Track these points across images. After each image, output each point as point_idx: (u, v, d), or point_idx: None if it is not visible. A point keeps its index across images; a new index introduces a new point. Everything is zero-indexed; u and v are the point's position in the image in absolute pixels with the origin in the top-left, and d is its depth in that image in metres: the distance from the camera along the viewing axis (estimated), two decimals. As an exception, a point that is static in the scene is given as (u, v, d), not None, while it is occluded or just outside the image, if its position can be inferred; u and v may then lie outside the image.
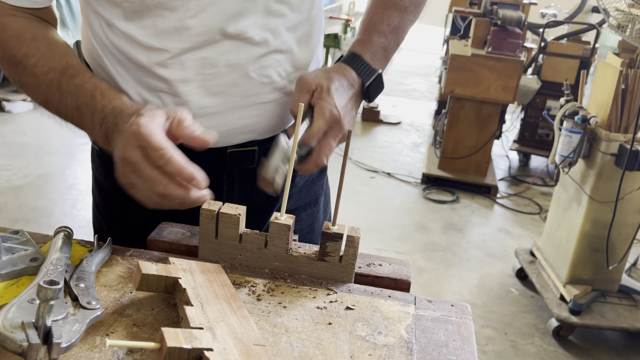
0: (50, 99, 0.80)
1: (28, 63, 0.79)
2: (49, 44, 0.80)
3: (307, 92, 0.83)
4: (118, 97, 0.76)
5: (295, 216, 1.01)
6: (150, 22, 0.80)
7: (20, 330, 0.51)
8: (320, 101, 0.82)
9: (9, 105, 4.70)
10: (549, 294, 2.66)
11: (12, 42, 0.79)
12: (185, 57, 0.82)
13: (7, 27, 0.80)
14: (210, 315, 0.58)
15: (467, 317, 0.70)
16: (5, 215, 3.16)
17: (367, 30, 0.94)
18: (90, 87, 0.77)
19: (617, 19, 2.50)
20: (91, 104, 0.76)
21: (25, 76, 0.80)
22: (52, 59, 0.79)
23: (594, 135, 2.41)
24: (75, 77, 0.77)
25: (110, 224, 1.00)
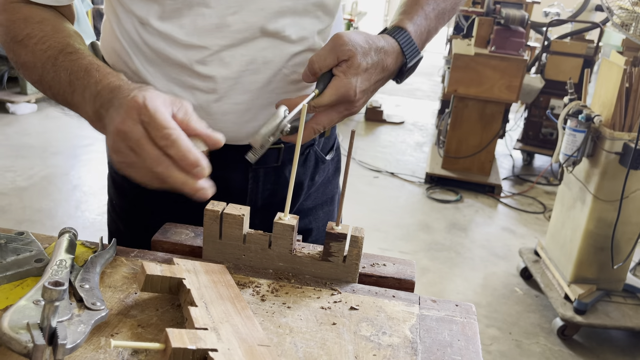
0: (44, 76, 0.76)
1: (29, 42, 0.78)
2: (55, 25, 0.79)
3: (337, 57, 0.76)
4: (115, 75, 0.71)
5: (313, 214, 1.03)
6: (190, 20, 0.80)
7: (25, 331, 0.51)
8: (343, 77, 0.77)
9: (13, 106, 4.71)
10: (553, 293, 2.65)
11: (19, 23, 0.79)
12: (225, 54, 0.82)
13: (17, 10, 0.80)
14: (215, 315, 0.58)
15: (472, 317, 0.70)
16: (10, 217, 3.17)
17: (414, 8, 0.86)
18: (86, 62, 0.73)
19: (621, 17, 2.49)
20: (84, 78, 0.71)
21: (23, 55, 0.78)
22: (53, 38, 0.77)
23: (598, 134, 2.40)
24: (72, 54, 0.75)
25: (129, 224, 1.00)
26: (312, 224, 1.03)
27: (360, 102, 0.79)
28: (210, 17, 0.80)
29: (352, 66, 0.76)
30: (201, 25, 0.80)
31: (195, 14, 0.79)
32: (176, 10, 0.80)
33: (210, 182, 0.65)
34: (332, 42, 0.77)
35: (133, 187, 0.96)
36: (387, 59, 0.80)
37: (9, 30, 0.80)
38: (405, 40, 0.82)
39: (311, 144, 0.98)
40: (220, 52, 0.82)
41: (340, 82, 0.76)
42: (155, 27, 0.82)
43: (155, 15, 0.81)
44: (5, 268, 0.68)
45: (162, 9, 0.80)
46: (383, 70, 0.81)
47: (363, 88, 0.78)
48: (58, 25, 0.80)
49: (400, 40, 0.82)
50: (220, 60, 0.82)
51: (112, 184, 1.01)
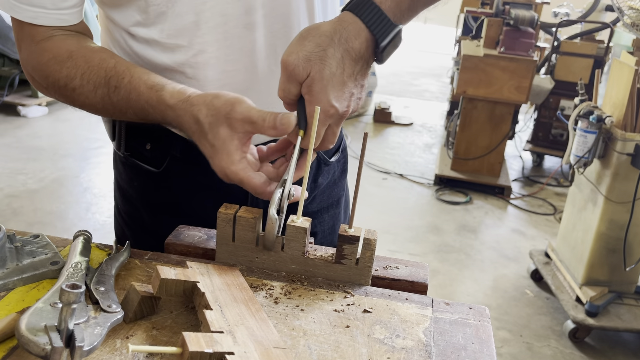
0: (114, 114, 0.81)
1: (74, 85, 0.79)
2: (85, 56, 0.79)
3: (297, 82, 0.70)
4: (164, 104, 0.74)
5: (318, 218, 1.02)
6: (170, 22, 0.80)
7: (43, 333, 0.52)
8: (312, 97, 0.70)
9: (24, 109, 4.75)
10: (564, 295, 2.63)
11: (52, 65, 0.79)
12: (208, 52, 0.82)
13: (44, 50, 0.80)
14: (230, 318, 0.59)
15: (486, 319, 0.69)
16: (22, 219, 3.20)
17: None
18: (135, 97, 0.76)
19: (632, 18, 2.47)
20: (152, 115, 0.77)
21: (77, 97, 0.80)
22: (92, 73, 0.78)
23: (609, 135, 2.39)
24: (120, 89, 0.77)
25: (133, 228, 1.01)
26: (317, 227, 1.02)
27: (346, 107, 0.72)
28: (188, 15, 0.80)
29: (314, 81, 0.69)
30: (180, 25, 0.80)
31: (174, 14, 0.80)
32: (160, 15, 0.80)
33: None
34: (284, 70, 0.70)
35: (137, 191, 0.97)
36: (353, 45, 0.69)
37: (45, 75, 0.80)
38: (370, 14, 0.69)
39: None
40: (202, 51, 0.82)
41: (314, 102, 0.70)
42: (139, 35, 0.83)
43: (137, 23, 0.82)
44: (21, 271, 0.68)
45: (145, 16, 0.81)
46: (354, 60, 0.70)
47: (341, 97, 0.70)
48: (85, 55, 0.79)
49: (363, 17, 0.69)
50: (205, 60, 0.83)
51: (118, 189, 1.02)
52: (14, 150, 4.11)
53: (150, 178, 0.93)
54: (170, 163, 0.91)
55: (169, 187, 0.93)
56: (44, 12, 0.78)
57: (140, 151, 0.92)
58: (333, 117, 0.72)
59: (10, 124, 4.59)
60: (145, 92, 0.75)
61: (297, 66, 0.68)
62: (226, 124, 0.69)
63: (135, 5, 0.80)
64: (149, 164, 0.92)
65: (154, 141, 0.90)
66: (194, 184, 0.92)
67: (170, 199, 0.94)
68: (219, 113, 0.70)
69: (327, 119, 0.71)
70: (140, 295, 0.61)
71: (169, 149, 0.90)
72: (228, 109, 0.69)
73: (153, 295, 0.62)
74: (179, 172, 0.92)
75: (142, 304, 0.61)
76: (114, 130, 0.94)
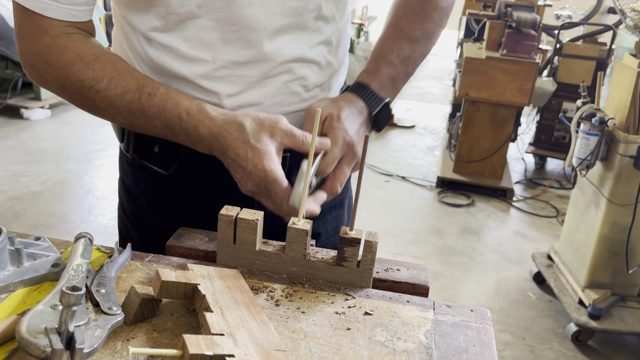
0: (135, 121, 0.81)
1: (100, 87, 0.78)
2: (112, 62, 0.80)
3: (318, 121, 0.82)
4: (205, 114, 0.78)
5: (321, 219, 1.03)
6: (193, 33, 0.81)
7: (43, 335, 0.52)
8: (332, 129, 0.83)
9: (27, 112, 4.77)
10: (567, 298, 2.63)
11: (77, 65, 0.78)
12: (228, 69, 0.83)
13: (65, 48, 0.79)
14: (231, 321, 0.59)
15: (487, 322, 0.69)
16: (24, 221, 3.20)
17: (376, 60, 0.93)
18: (172, 105, 0.78)
19: (634, 20, 2.47)
20: (181, 126, 0.78)
21: (99, 100, 0.79)
22: (122, 78, 0.79)
23: (611, 137, 2.38)
24: (154, 97, 0.78)
25: (138, 228, 1.01)
26: (320, 228, 1.03)
27: (358, 146, 0.85)
28: (214, 31, 0.80)
29: (334, 118, 0.84)
30: (205, 39, 0.81)
31: (198, 27, 0.80)
32: (179, 23, 0.80)
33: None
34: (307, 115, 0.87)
35: (143, 192, 0.97)
36: (356, 104, 0.88)
37: (67, 74, 0.79)
38: (363, 91, 0.89)
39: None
40: (224, 67, 0.83)
41: (334, 134, 0.83)
42: (159, 41, 0.82)
43: (156, 28, 0.81)
44: (22, 273, 0.68)
45: (164, 23, 0.81)
46: (360, 114, 0.88)
47: (354, 130, 0.85)
48: (112, 61, 0.80)
49: (359, 93, 0.89)
50: (224, 75, 0.83)
51: (123, 188, 1.02)
52: (16, 152, 4.12)
53: (157, 179, 0.93)
54: (179, 165, 0.91)
55: (176, 189, 0.94)
56: (55, 5, 0.76)
57: (148, 153, 0.92)
58: (349, 147, 0.83)
59: (14, 127, 4.60)
60: (185, 102, 0.79)
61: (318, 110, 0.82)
62: (269, 132, 0.77)
63: (155, 11, 0.80)
64: (158, 165, 0.92)
65: (162, 144, 0.91)
66: (202, 186, 0.93)
67: (177, 201, 0.94)
68: (263, 124, 0.78)
69: (344, 147, 0.83)
70: (140, 298, 0.61)
71: (178, 151, 0.90)
72: (273, 122, 0.78)
73: (154, 297, 0.62)
74: (187, 174, 0.92)
75: (143, 306, 0.61)
76: (122, 132, 0.94)
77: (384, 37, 0.95)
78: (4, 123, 4.66)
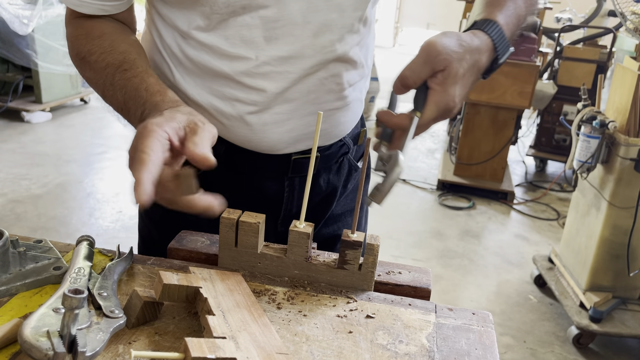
0: (105, 93, 0.82)
1: (91, 59, 0.82)
2: (114, 40, 0.82)
3: (432, 68, 0.72)
4: (160, 93, 0.75)
5: (341, 220, 1.03)
6: (235, 31, 0.81)
7: (45, 338, 0.52)
8: (441, 90, 0.73)
9: (28, 115, 4.77)
10: (568, 301, 2.62)
11: (81, 39, 0.84)
12: (270, 66, 0.83)
13: (80, 25, 0.85)
14: (232, 324, 0.59)
15: (489, 325, 0.69)
16: (25, 224, 3.20)
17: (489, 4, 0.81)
18: (137, 80, 0.77)
19: (634, 23, 2.47)
20: (136, 99, 0.75)
21: (87, 71, 0.84)
22: (111, 54, 0.81)
23: (612, 140, 2.38)
24: (127, 72, 0.78)
25: (162, 230, 1.00)
26: (340, 230, 1.04)
27: (458, 107, 0.76)
28: (257, 29, 0.81)
29: (450, 76, 0.72)
30: (248, 37, 0.81)
31: (240, 25, 0.80)
32: (221, 22, 0.80)
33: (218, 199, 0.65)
34: (425, 53, 0.72)
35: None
36: (482, 58, 0.76)
37: (73, 46, 0.85)
38: (497, 34, 0.77)
39: (345, 152, 0.99)
40: (267, 64, 0.83)
41: (439, 96, 0.73)
42: (198, 40, 0.83)
43: (198, 27, 0.82)
44: (24, 276, 0.68)
45: (207, 22, 0.81)
46: (478, 71, 0.77)
47: (461, 95, 0.75)
48: (116, 39, 0.82)
49: (492, 35, 0.76)
50: (266, 72, 0.83)
51: None
52: (18, 155, 4.12)
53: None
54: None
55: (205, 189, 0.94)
56: (87, 1, 0.82)
57: None
58: (447, 109, 0.74)
59: (14, 130, 4.60)
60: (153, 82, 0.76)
61: (441, 54, 0.71)
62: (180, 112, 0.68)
63: (199, 10, 0.80)
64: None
65: None
66: (232, 186, 0.93)
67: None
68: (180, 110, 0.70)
69: (445, 108, 0.74)
70: (142, 301, 0.61)
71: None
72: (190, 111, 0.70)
73: (155, 300, 0.62)
74: (216, 174, 0.92)
75: (145, 309, 0.61)
76: None
77: None
78: (5, 126, 4.66)
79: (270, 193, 0.94)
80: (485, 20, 0.77)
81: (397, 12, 10.95)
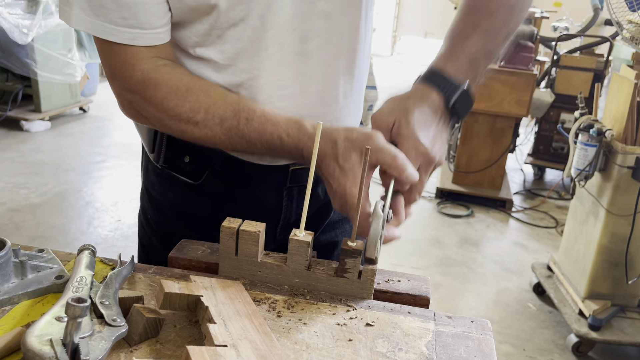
0: (236, 146, 0.81)
1: (198, 118, 0.79)
2: (205, 90, 0.80)
3: (386, 130, 0.79)
4: (304, 132, 0.77)
5: (340, 227, 1.04)
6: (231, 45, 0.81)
7: (49, 347, 0.52)
8: (402, 139, 0.77)
9: (28, 124, 4.78)
10: (567, 309, 2.62)
11: (173, 100, 0.79)
12: (264, 78, 0.84)
13: (159, 83, 0.79)
14: (233, 332, 0.59)
15: (488, 333, 0.70)
16: (24, 233, 3.20)
17: (450, 40, 0.85)
18: (271, 128, 0.78)
19: (631, 32, 2.49)
20: (283, 147, 0.79)
21: (198, 131, 0.80)
22: (217, 106, 0.79)
23: (609, 148, 2.40)
24: (252, 121, 0.79)
25: (163, 239, 1.00)
26: (338, 236, 1.04)
27: (434, 149, 0.78)
28: (250, 41, 0.81)
29: (402, 125, 0.77)
30: (241, 48, 0.82)
31: (235, 38, 0.81)
32: (218, 37, 0.81)
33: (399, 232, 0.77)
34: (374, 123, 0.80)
35: (171, 203, 0.97)
36: (428, 99, 0.80)
37: (164, 109, 0.80)
38: (438, 80, 0.81)
39: None
40: (259, 76, 0.84)
41: (404, 144, 0.77)
42: (196, 54, 0.83)
43: (198, 44, 0.82)
44: (26, 285, 0.69)
45: (205, 38, 0.81)
46: (433, 110, 0.80)
47: (427, 135, 0.78)
48: (205, 89, 0.80)
49: (431, 82, 0.81)
50: (260, 84, 0.84)
51: (148, 199, 1.02)
52: (17, 164, 4.13)
53: (186, 189, 0.94)
54: (209, 176, 0.92)
55: (204, 199, 0.94)
56: (140, 32, 0.77)
57: (178, 164, 0.93)
58: (423, 157, 0.77)
59: (14, 139, 4.61)
60: (283, 122, 0.78)
61: (382, 117, 0.79)
62: (359, 151, 0.75)
63: (196, 28, 0.81)
64: (187, 176, 0.93)
65: (193, 154, 0.92)
66: (231, 197, 0.94)
67: (205, 211, 0.95)
68: (355, 142, 0.75)
69: (417, 158, 0.77)
70: (145, 318, 0.60)
71: (209, 162, 0.91)
72: (363, 141, 0.75)
73: (158, 317, 0.62)
74: (217, 185, 0.93)
75: (147, 326, 0.61)
76: (154, 143, 0.94)
77: (457, 18, 0.87)
78: (4, 135, 4.67)
79: (269, 203, 0.95)
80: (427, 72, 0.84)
81: (395, 21, 11.01)
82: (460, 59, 0.83)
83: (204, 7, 0.78)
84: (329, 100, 0.90)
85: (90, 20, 0.76)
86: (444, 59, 0.83)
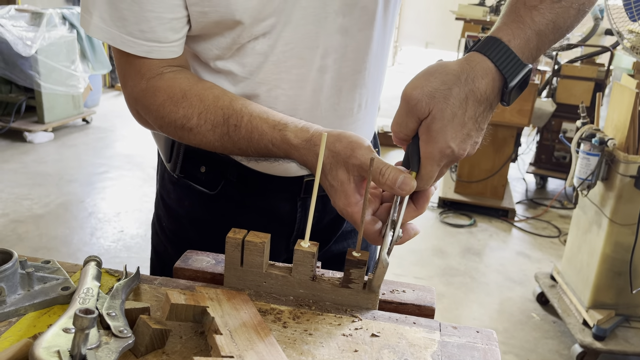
0: (231, 152, 0.81)
1: (191, 125, 0.79)
2: (199, 95, 0.80)
3: (417, 118, 0.67)
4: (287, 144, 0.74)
5: (352, 237, 1.05)
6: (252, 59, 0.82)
7: (56, 358, 0.52)
8: (429, 140, 0.67)
9: (30, 135, 4.80)
10: (571, 319, 2.61)
11: (168, 106, 0.80)
12: (281, 90, 0.85)
13: (158, 90, 0.80)
14: (240, 343, 0.59)
15: (493, 343, 0.70)
16: (27, 244, 3.20)
17: (513, 9, 0.69)
18: (257, 137, 0.76)
19: (631, 41, 2.50)
20: (273, 153, 0.77)
21: (193, 137, 0.81)
22: (208, 112, 0.79)
23: (612, 157, 2.40)
24: (239, 128, 0.77)
25: (178, 246, 1.00)
26: (351, 246, 1.05)
27: (465, 150, 0.68)
28: (271, 55, 0.82)
29: (435, 120, 0.65)
30: (260, 61, 0.83)
31: (255, 52, 0.82)
32: (239, 50, 0.82)
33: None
34: (405, 103, 0.67)
35: (187, 212, 0.98)
36: (480, 85, 0.66)
37: (162, 116, 0.81)
38: (498, 53, 0.66)
39: None
40: (277, 87, 0.85)
41: (428, 147, 0.67)
42: (217, 67, 0.84)
43: (219, 57, 0.83)
44: (32, 296, 0.69)
45: (226, 52, 0.82)
46: (478, 102, 0.66)
47: (459, 138, 0.66)
48: (200, 93, 0.80)
49: (491, 56, 0.66)
50: (277, 95, 0.85)
51: (163, 207, 1.02)
52: (20, 175, 4.14)
53: (202, 199, 0.95)
54: (225, 186, 0.93)
55: (220, 208, 0.95)
56: (157, 45, 0.78)
57: (194, 174, 0.94)
58: (448, 158, 0.68)
59: (17, 150, 4.63)
60: (269, 131, 0.75)
61: (420, 101, 0.66)
62: (344, 167, 0.70)
63: (218, 41, 0.82)
64: (203, 185, 0.94)
65: (209, 165, 0.92)
66: (246, 207, 0.95)
67: (221, 220, 0.96)
68: (338, 156, 0.70)
69: (442, 159, 0.68)
70: (151, 329, 0.60)
71: (225, 173, 0.92)
72: (348, 153, 0.69)
73: (164, 328, 0.62)
74: (232, 195, 0.94)
75: (153, 337, 0.62)
76: (171, 152, 0.95)
77: None
78: (7, 146, 4.68)
79: (283, 213, 0.95)
80: (486, 39, 0.68)
81: (396, 31, 11.06)
82: (527, 32, 0.68)
83: (228, 22, 0.79)
84: (343, 113, 0.91)
85: (109, 31, 0.77)
86: (509, 30, 0.68)
